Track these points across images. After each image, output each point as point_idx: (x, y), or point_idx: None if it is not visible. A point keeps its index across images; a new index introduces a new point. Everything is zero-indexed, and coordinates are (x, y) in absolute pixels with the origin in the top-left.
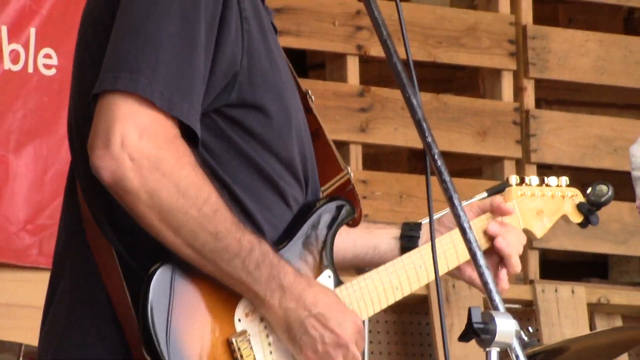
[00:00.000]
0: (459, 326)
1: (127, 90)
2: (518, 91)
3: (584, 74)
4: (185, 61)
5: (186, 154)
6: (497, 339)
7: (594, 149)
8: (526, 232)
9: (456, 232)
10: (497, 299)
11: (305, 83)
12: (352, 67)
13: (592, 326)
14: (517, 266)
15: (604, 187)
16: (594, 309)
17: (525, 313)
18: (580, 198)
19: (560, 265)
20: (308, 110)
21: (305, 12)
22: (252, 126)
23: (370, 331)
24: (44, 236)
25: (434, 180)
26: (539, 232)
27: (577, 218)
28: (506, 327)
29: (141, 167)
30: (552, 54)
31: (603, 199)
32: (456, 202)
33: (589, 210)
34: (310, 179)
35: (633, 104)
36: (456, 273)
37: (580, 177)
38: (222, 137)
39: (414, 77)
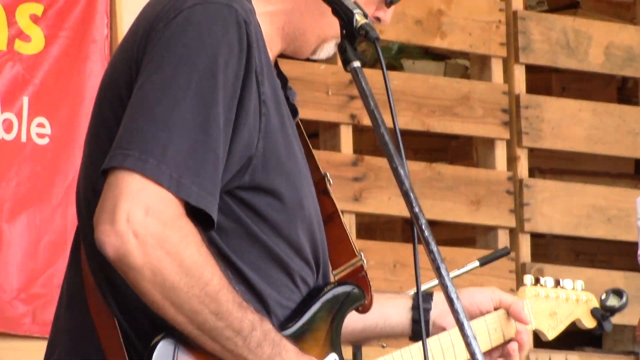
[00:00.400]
0: None
1: (135, 169)
2: (511, 160)
3: (577, 143)
4: (198, 143)
5: (191, 233)
6: None
7: (587, 218)
8: (537, 332)
9: (455, 331)
10: None
11: None
12: (346, 136)
13: None
14: None
15: (618, 294)
16: None
17: None
18: (595, 303)
19: None
20: (325, 192)
21: (298, 82)
22: (263, 209)
23: None
24: (38, 305)
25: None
26: (550, 334)
27: (590, 323)
28: None
29: (145, 244)
30: (546, 123)
31: (617, 306)
32: (444, 272)
33: (603, 316)
34: (321, 264)
35: (626, 173)
36: None
37: (574, 246)
38: (232, 217)
39: (402, 147)
